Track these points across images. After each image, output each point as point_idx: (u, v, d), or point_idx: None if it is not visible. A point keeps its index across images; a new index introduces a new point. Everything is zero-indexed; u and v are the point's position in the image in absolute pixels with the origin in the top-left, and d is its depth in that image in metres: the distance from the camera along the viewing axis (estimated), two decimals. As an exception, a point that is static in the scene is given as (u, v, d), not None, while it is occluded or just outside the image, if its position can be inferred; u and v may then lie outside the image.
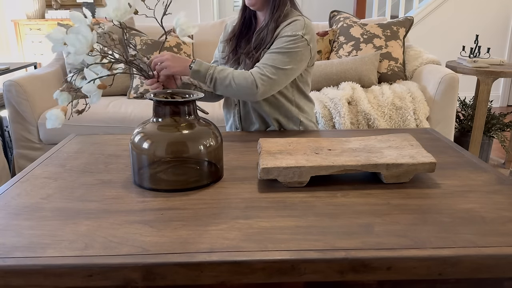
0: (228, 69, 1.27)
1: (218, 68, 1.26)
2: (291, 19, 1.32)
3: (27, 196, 0.90)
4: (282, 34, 1.30)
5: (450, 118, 2.43)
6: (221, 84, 1.25)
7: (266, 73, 1.26)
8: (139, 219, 0.80)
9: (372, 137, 1.10)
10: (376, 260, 0.67)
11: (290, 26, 1.30)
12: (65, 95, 1.01)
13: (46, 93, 2.61)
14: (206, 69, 1.24)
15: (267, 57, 1.29)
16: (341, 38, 2.75)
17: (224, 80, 1.25)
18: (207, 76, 1.24)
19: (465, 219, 0.79)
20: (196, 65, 1.23)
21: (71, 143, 1.27)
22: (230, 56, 1.42)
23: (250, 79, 1.25)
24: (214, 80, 1.25)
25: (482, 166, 1.04)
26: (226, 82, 1.25)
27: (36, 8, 4.48)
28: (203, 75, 1.24)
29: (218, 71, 1.25)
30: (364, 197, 0.88)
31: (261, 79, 1.25)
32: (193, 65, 1.23)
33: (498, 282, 0.71)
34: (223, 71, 1.25)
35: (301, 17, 1.34)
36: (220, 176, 0.99)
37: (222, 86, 1.26)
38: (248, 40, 1.41)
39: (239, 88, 1.25)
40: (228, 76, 1.25)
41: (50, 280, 0.66)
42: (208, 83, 1.26)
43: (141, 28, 2.95)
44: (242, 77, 1.25)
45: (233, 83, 1.25)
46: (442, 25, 4.20)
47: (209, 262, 0.66)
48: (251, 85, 1.25)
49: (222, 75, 1.25)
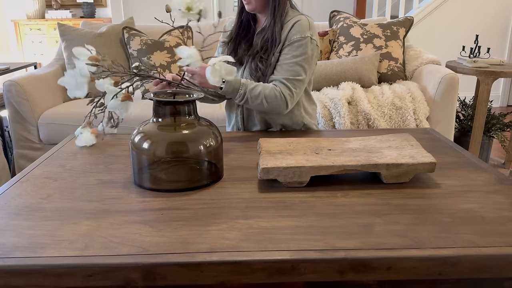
0: (258, 86, 1.29)
1: (249, 86, 1.28)
2: (294, 19, 1.33)
3: (27, 196, 0.90)
4: (292, 38, 1.32)
5: (450, 118, 2.43)
6: (252, 102, 1.29)
7: (292, 89, 1.31)
8: (139, 219, 0.80)
9: (372, 137, 1.10)
10: (376, 260, 0.67)
11: (297, 28, 1.32)
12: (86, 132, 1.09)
13: (46, 93, 2.61)
14: (237, 88, 1.27)
15: (287, 70, 1.31)
16: (341, 38, 2.75)
17: (255, 98, 1.28)
18: (238, 95, 1.28)
19: (465, 219, 0.79)
20: (226, 85, 1.25)
21: (71, 143, 1.27)
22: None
23: (280, 98, 1.30)
24: (245, 99, 1.28)
25: (482, 166, 1.04)
26: (258, 100, 1.29)
27: (36, 8, 4.48)
28: (234, 93, 1.27)
29: (250, 89, 1.28)
30: (364, 197, 0.88)
31: (290, 95, 1.31)
32: (224, 86, 1.25)
33: (498, 282, 0.71)
34: (254, 90, 1.28)
35: (302, 16, 1.34)
36: (220, 176, 0.99)
37: (253, 104, 1.30)
38: (248, 41, 1.41)
39: (271, 106, 1.30)
40: (260, 95, 1.28)
41: (50, 280, 0.66)
42: (239, 100, 1.29)
43: (141, 28, 2.95)
44: (273, 95, 1.29)
45: (265, 102, 1.29)
46: (442, 25, 4.20)
47: (209, 262, 0.66)
48: (281, 103, 1.30)
49: (253, 94, 1.28)
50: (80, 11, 4.75)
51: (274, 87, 1.30)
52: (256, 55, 1.36)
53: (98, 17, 4.70)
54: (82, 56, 0.97)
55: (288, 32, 1.32)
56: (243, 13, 1.40)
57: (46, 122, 2.49)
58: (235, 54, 1.42)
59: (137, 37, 2.77)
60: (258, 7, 1.33)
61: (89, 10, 4.62)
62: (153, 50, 2.71)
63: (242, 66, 1.41)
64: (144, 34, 2.85)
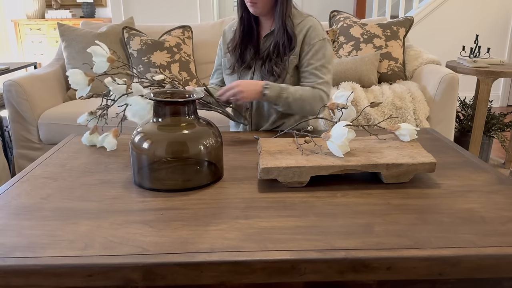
0: (297, 89, 1.31)
1: (290, 90, 1.29)
2: (305, 22, 1.36)
3: (27, 196, 0.90)
4: (310, 42, 1.35)
5: (450, 118, 2.43)
6: (294, 104, 1.31)
7: (326, 90, 1.35)
8: (139, 219, 0.80)
9: (372, 137, 1.10)
10: (376, 260, 0.67)
11: (314, 32, 1.35)
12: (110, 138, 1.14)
13: (46, 93, 2.61)
14: (280, 92, 1.28)
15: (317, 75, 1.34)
16: (341, 38, 2.75)
17: (297, 101, 1.30)
18: (281, 101, 1.29)
19: (465, 219, 0.79)
20: (269, 91, 1.27)
21: (71, 143, 1.27)
22: (236, 65, 1.42)
23: (319, 99, 1.33)
24: (288, 103, 1.30)
25: (482, 166, 1.04)
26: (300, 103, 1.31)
27: (36, 8, 4.48)
28: (277, 99, 1.29)
29: (292, 93, 1.29)
30: (364, 197, 0.88)
31: (326, 96, 1.34)
32: (267, 92, 1.27)
33: (498, 282, 0.71)
34: (296, 93, 1.30)
35: (312, 18, 1.38)
36: (220, 176, 0.99)
37: (294, 106, 1.31)
38: (254, 45, 1.40)
39: (311, 108, 1.33)
40: (302, 98, 1.31)
41: (50, 280, 0.66)
42: (281, 106, 1.30)
43: (141, 28, 2.95)
44: (312, 97, 1.32)
45: (307, 104, 1.32)
46: (442, 25, 4.20)
47: (209, 262, 0.66)
48: (320, 105, 1.33)
49: (296, 96, 1.30)
50: (80, 11, 4.75)
51: (312, 89, 1.33)
52: (268, 59, 1.36)
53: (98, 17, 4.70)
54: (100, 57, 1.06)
55: (305, 36, 1.34)
56: (244, 17, 1.39)
57: (46, 122, 2.49)
58: (242, 59, 1.41)
59: (137, 37, 2.77)
60: (264, 10, 1.33)
61: (89, 10, 4.62)
62: (153, 50, 2.71)
63: (251, 70, 1.41)
64: (144, 34, 2.85)
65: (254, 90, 1.25)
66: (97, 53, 1.06)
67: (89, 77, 1.08)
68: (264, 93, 1.26)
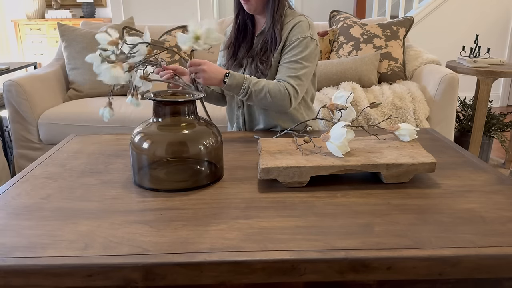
0: (262, 81, 1.29)
1: (253, 81, 1.27)
2: (294, 20, 1.33)
3: (27, 196, 0.90)
4: (292, 38, 1.32)
5: (450, 118, 2.43)
6: (256, 96, 1.27)
7: (295, 86, 1.30)
8: (139, 219, 0.80)
9: (372, 137, 1.10)
10: (376, 260, 0.67)
11: (297, 29, 1.32)
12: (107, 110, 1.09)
13: (46, 93, 2.61)
14: (241, 82, 1.25)
15: (288, 68, 1.31)
16: (341, 38, 2.75)
17: (259, 92, 1.27)
18: (242, 89, 1.26)
19: (465, 219, 0.79)
20: (230, 79, 1.24)
21: (71, 143, 1.27)
22: (229, 63, 1.42)
23: (284, 93, 1.28)
24: (249, 93, 1.27)
25: (482, 166, 1.04)
26: (261, 94, 1.27)
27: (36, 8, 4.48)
28: (238, 88, 1.26)
29: (253, 83, 1.26)
30: (364, 197, 0.88)
31: (293, 91, 1.30)
32: (228, 80, 1.24)
33: (498, 282, 0.71)
34: (258, 84, 1.27)
35: (302, 17, 1.34)
36: (220, 176, 0.99)
37: (256, 99, 1.28)
38: (247, 44, 1.40)
39: (274, 101, 1.28)
40: (263, 88, 1.27)
41: (50, 280, 0.66)
42: (242, 95, 1.27)
43: (141, 28, 2.95)
44: (277, 89, 1.28)
45: (269, 96, 1.27)
46: (442, 25, 4.20)
47: (209, 262, 0.66)
48: (285, 98, 1.28)
49: (257, 87, 1.26)
50: (80, 11, 4.75)
51: (278, 83, 1.29)
52: (256, 56, 1.36)
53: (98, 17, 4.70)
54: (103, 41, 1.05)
55: (289, 33, 1.32)
56: (240, 16, 1.40)
57: (46, 122, 2.49)
58: (235, 58, 1.41)
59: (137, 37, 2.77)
60: (258, 8, 1.33)
61: (89, 10, 4.62)
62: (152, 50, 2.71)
63: (242, 68, 1.41)
64: (144, 34, 2.85)
65: (215, 78, 1.23)
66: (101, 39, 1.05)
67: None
68: (224, 81, 1.24)
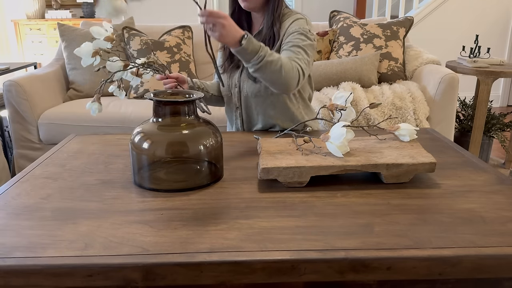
0: (275, 53, 1.20)
1: (268, 51, 1.16)
2: (292, 17, 1.32)
3: (27, 196, 0.90)
4: (290, 30, 1.29)
5: (450, 118, 2.43)
6: (269, 67, 1.16)
7: (303, 68, 1.23)
8: (139, 219, 0.80)
9: (372, 137, 1.10)
10: (376, 260, 0.67)
11: (296, 23, 1.30)
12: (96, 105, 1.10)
13: (46, 93, 2.61)
14: (257, 49, 1.14)
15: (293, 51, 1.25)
16: (341, 38, 2.75)
17: (274, 64, 1.16)
18: (257, 57, 1.14)
19: (465, 219, 0.79)
20: (247, 42, 1.12)
21: (71, 143, 1.27)
22: (226, 64, 1.40)
23: (296, 71, 1.20)
24: (263, 63, 1.15)
25: (482, 166, 1.04)
26: (275, 66, 1.16)
27: (36, 8, 4.48)
28: (253, 54, 1.14)
29: (269, 54, 1.16)
30: (364, 197, 0.88)
31: (302, 73, 1.22)
32: (245, 43, 1.11)
33: (498, 282, 0.71)
34: (273, 55, 1.17)
35: (300, 15, 1.34)
36: (220, 176, 0.99)
37: (269, 70, 1.16)
38: None
39: (285, 77, 1.18)
40: (278, 61, 1.17)
41: (50, 280, 0.66)
42: (254, 63, 1.15)
43: (141, 28, 2.95)
44: (290, 66, 1.19)
45: (283, 70, 1.17)
46: (442, 25, 4.20)
47: (209, 262, 0.66)
48: (295, 77, 1.20)
49: (272, 58, 1.16)
50: (80, 11, 4.75)
51: (289, 60, 1.22)
52: None
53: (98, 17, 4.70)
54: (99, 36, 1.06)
55: (286, 30, 1.30)
56: (235, 15, 1.37)
57: (46, 122, 2.49)
58: (231, 59, 1.39)
59: (137, 37, 2.77)
60: (257, 6, 1.31)
61: (89, 10, 4.62)
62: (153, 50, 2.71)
63: (239, 70, 1.39)
64: (144, 34, 2.85)
65: (232, 36, 1.11)
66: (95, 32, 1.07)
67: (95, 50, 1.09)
68: (241, 43, 1.11)
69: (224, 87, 1.43)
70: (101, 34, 1.07)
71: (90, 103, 1.11)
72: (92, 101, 1.11)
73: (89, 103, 1.11)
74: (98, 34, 1.06)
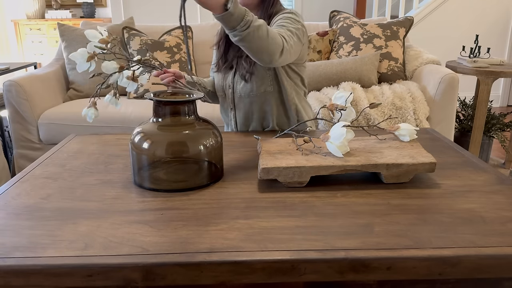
0: (260, 19, 1.11)
1: (256, 19, 1.09)
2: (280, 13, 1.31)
3: (27, 196, 0.90)
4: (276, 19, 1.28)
5: (450, 118, 2.43)
6: (256, 33, 1.07)
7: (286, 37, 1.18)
8: (139, 219, 0.80)
9: (372, 137, 1.10)
10: (376, 260, 0.67)
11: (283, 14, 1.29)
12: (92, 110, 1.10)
13: (46, 93, 2.61)
14: (243, 13, 1.05)
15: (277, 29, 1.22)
16: (341, 38, 2.75)
17: (259, 29, 1.08)
18: (244, 22, 1.05)
19: (465, 219, 0.79)
20: (233, 6, 1.02)
21: (71, 143, 1.27)
22: (220, 63, 1.40)
23: (280, 38, 1.15)
24: (250, 28, 1.06)
25: (482, 166, 1.04)
26: (261, 32, 1.08)
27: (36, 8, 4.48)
28: (239, 19, 1.04)
29: (255, 18, 1.08)
30: (364, 197, 0.88)
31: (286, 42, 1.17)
32: (231, 6, 1.02)
33: (498, 282, 0.71)
34: (258, 21, 1.08)
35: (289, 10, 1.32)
36: (220, 176, 0.99)
37: (256, 36, 1.08)
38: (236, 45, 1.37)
39: (270, 43, 1.11)
40: (263, 25, 1.09)
41: (50, 280, 0.66)
42: (240, 30, 1.06)
43: (141, 28, 2.95)
44: (274, 32, 1.13)
45: (269, 36, 1.10)
46: (442, 25, 4.20)
47: (209, 262, 0.66)
48: (280, 43, 1.14)
49: (258, 23, 1.08)
50: (80, 11, 4.75)
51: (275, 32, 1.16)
52: (245, 55, 1.32)
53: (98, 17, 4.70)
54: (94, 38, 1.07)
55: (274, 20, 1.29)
56: None
57: (46, 122, 2.49)
58: (225, 59, 1.38)
59: (137, 37, 2.77)
60: (254, 2, 1.30)
61: (89, 10, 4.62)
62: (153, 50, 2.71)
63: (233, 70, 1.38)
64: (144, 34, 2.85)
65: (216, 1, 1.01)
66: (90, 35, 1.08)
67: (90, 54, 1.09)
68: (227, 7, 1.02)
69: (217, 87, 1.42)
70: (96, 36, 1.07)
71: (86, 108, 1.10)
72: (88, 107, 1.10)
73: (85, 109, 1.10)
74: (92, 37, 1.06)
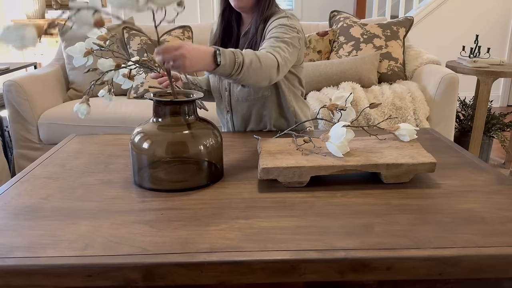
0: (248, 50, 1.09)
1: (243, 52, 1.06)
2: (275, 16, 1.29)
3: (27, 196, 0.90)
4: (270, 27, 1.26)
5: (450, 118, 2.43)
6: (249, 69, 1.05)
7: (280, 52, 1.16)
8: (139, 219, 0.80)
9: (372, 137, 1.10)
10: (376, 260, 0.67)
11: (277, 21, 1.27)
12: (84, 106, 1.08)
13: (46, 93, 2.61)
14: (233, 58, 1.02)
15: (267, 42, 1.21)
16: (341, 38, 2.75)
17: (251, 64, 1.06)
18: (237, 65, 1.03)
19: (465, 219, 0.79)
20: (223, 58, 1.00)
21: (71, 143, 1.27)
22: None
23: (272, 57, 1.13)
24: (243, 68, 1.04)
25: (482, 166, 1.04)
26: (254, 65, 1.06)
27: (36, 8, 4.48)
28: (232, 65, 1.02)
29: (245, 54, 1.06)
30: (364, 197, 0.88)
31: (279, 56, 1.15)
32: (221, 59, 0.99)
33: (498, 282, 0.71)
34: (247, 55, 1.06)
35: (284, 13, 1.30)
36: (220, 176, 0.99)
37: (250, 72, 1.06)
38: (233, 46, 1.35)
39: (264, 68, 1.09)
40: (252, 56, 1.07)
41: (50, 280, 0.66)
42: (236, 73, 1.04)
43: (141, 27, 2.95)
44: (264, 54, 1.11)
45: (259, 62, 1.08)
46: (442, 25, 4.20)
47: (209, 262, 0.66)
48: (274, 63, 1.13)
49: (249, 58, 1.06)
50: (80, 11, 4.74)
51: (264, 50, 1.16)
52: None
53: None
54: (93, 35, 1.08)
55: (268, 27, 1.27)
56: (226, 14, 1.35)
57: (46, 122, 2.49)
58: None
59: (137, 37, 2.77)
60: (248, 5, 1.28)
61: (89, 10, 4.61)
62: (153, 50, 2.71)
63: None
64: (144, 34, 2.85)
65: (202, 62, 0.96)
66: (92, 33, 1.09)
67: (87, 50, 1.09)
68: (218, 62, 0.99)
69: (213, 88, 1.42)
70: (95, 33, 1.07)
71: (78, 104, 1.05)
72: (80, 103, 1.07)
73: (77, 104, 1.06)
74: (92, 33, 1.06)
